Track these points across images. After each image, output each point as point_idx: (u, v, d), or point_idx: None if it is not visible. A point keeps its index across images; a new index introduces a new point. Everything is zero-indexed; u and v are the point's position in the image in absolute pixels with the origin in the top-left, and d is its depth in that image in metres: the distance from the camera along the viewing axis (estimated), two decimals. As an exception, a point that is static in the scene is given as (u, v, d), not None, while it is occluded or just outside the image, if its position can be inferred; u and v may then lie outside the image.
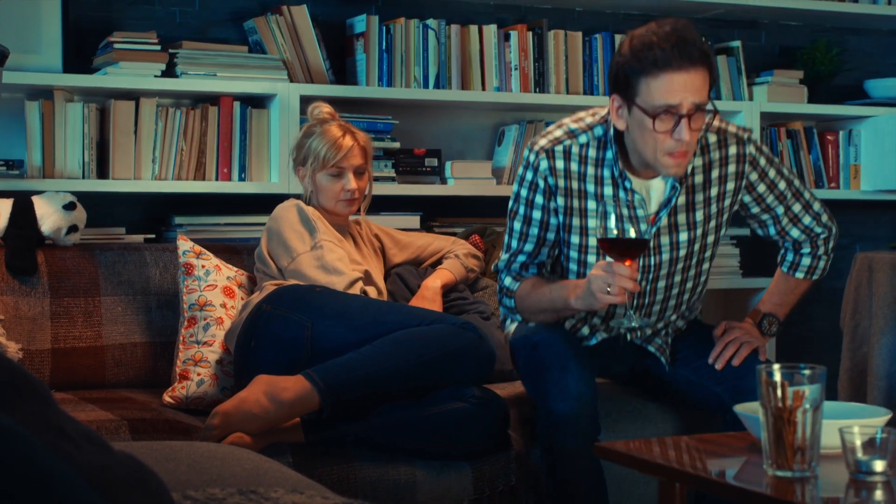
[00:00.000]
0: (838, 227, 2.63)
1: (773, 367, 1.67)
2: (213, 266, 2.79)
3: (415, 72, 3.42)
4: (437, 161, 3.48)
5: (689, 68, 2.15)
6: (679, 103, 2.17)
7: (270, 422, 2.32)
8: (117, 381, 2.80)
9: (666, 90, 2.16)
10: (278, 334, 2.51)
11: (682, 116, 2.17)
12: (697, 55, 2.15)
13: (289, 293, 2.58)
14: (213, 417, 2.29)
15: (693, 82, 2.16)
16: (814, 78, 3.98)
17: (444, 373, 2.43)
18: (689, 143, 2.20)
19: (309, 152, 2.82)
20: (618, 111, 2.26)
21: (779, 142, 3.90)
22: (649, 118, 2.19)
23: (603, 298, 2.14)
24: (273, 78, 3.23)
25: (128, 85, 3.07)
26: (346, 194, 2.80)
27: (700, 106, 2.19)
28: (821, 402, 1.67)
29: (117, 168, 3.07)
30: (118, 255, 2.88)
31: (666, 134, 2.19)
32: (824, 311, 4.16)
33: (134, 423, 2.34)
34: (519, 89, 3.53)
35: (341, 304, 2.53)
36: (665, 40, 2.15)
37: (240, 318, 2.65)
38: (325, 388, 2.33)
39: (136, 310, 2.84)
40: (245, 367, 2.54)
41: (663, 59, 2.14)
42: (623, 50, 2.21)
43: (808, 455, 1.66)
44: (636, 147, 2.27)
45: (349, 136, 2.82)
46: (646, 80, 2.17)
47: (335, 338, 2.47)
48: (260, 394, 2.31)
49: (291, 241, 2.69)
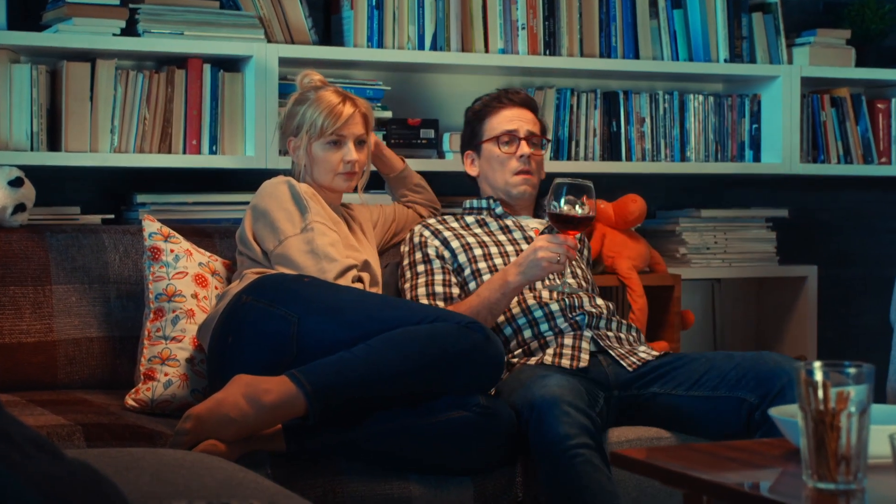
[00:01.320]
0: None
1: (814, 364, 1.67)
2: (184, 251, 2.78)
3: (409, 31, 3.41)
4: (433, 132, 3.47)
5: (518, 106, 3.07)
6: (517, 128, 3.04)
7: (249, 428, 2.31)
8: (71, 382, 2.80)
9: (504, 120, 3.05)
10: (260, 330, 2.51)
11: (522, 139, 3.02)
12: (524, 97, 3.10)
13: (272, 283, 2.58)
14: (185, 421, 2.29)
15: (525, 115, 3.06)
16: (863, 38, 3.97)
17: (446, 378, 2.42)
18: (532, 168, 3.02)
19: (304, 120, 2.82)
20: (471, 163, 3.11)
21: (822, 111, 3.90)
22: (495, 144, 3.03)
23: (549, 267, 2.69)
24: (248, 37, 3.22)
25: (82, 44, 3.06)
26: (346, 166, 2.80)
27: (535, 135, 3.04)
28: (868, 405, 1.67)
29: (71, 139, 3.07)
30: (72, 237, 2.88)
31: (510, 154, 3.02)
32: (872, 303, 4.16)
33: (90, 429, 2.34)
34: (527, 51, 3.53)
35: (332, 298, 2.53)
36: (497, 92, 3.11)
37: (215, 309, 2.64)
38: (313, 391, 2.33)
39: (92, 300, 2.84)
40: (220, 366, 2.54)
41: (497, 102, 3.07)
42: (473, 107, 3.14)
43: (853, 465, 1.66)
44: (489, 182, 3.07)
45: (349, 103, 2.83)
46: (487, 120, 3.07)
47: (324, 335, 2.46)
48: (239, 396, 2.31)
49: (279, 222, 2.69)
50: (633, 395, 2.71)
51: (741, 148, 3.83)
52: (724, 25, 3.75)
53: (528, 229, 3.04)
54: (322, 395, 2.33)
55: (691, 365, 2.72)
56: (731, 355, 2.72)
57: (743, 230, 3.82)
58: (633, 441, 2.65)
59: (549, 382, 2.47)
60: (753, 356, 2.68)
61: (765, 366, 2.60)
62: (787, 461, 1.91)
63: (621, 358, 2.75)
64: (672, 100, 3.74)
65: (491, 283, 2.79)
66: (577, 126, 3.63)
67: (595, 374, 2.71)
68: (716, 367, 2.68)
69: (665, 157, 3.73)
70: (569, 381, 2.52)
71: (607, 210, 3.47)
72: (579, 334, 2.80)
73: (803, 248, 4.08)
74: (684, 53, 3.72)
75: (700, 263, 3.75)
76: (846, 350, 4.08)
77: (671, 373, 2.71)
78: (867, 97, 4.00)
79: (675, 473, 1.86)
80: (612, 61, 3.62)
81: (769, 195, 4.06)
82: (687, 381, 2.68)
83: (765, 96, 3.83)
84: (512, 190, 3.04)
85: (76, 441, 2.30)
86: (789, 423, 1.90)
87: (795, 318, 3.87)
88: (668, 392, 2.70)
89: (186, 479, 1.55)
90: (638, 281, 3.38)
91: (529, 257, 2.73)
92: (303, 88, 2.89)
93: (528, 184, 3.04)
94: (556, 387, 2.45)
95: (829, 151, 3.91)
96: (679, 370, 2.71)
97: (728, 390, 2.63)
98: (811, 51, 3.84)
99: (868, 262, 4.20)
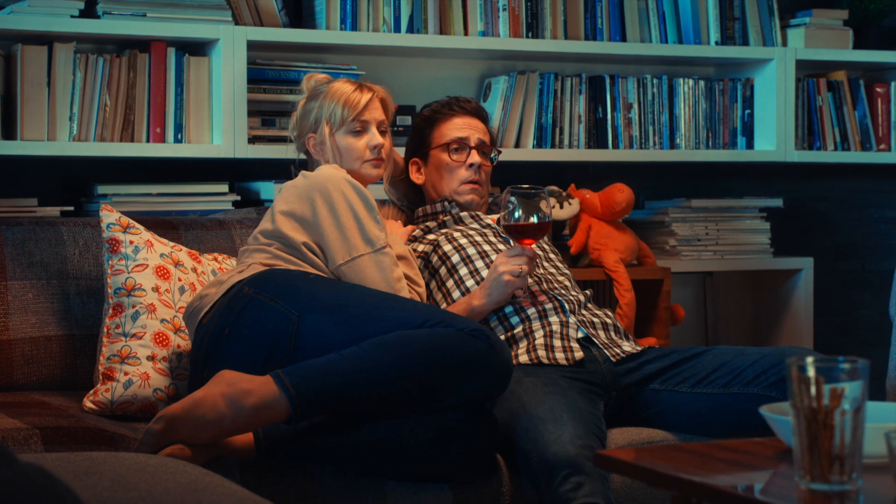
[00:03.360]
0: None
1: (807, 360, 1.67)
2: (144, 242, 2.78)
3: (384, 13, 3.41)
4: (410, 119, 3.47)
5: (469, 115, 3.09)
6: (467, 137, 3.05)
7: (226, 431, 2.30)
8: (28, 382, 2.79)
9: (455, 128, 3.06)
10: (258, 325, 2.50)
11: (472, 148, 3.04)
12: (475, 106, 3.13)
13: (277, 278, 2.56)
14: (156, 422, 2.27)
15: (475, 125, 3.09)
16: (861, 19, 3.99)
17: (446, 387, 2.38)
18: (482, 178, 3.05)
19: (321, 114, 2.81)
20: (417, 170, 3.10)
21: (818, 95, 3.92)
22: (444, 151, 3.04)
23: (513, 281, 2.74)
24: (215, 19, 3.21)
25: (39, 27, 3.05)
26: (373, 152, 2.80)
27: (485, 144, 3.06)
28: (863, 403, 1.67)
29: (27, 127, 3.06)
30: (28, 230, 2.87)
31: (460, 163, 3.03)
32: (870, 296, 4.18)
33: (47, 433, 2.33)
34: (508, 34, 3.53)
35: (334, 295, 2.51)
36: (447, 100, 3.12)
37: (204, 293, 2.62)
38: (296, 394, 2.30)
39: (50, 296, 2.83)
40: (211, 358, 2.52)
41: (448, 109, 3.09)
42: (421, 113, 3.15)
43: (848, 465, 1.67)
44: (436, 190, 3.07)
45: (365, 89, 2.85)
46: (438, 126, 3.08)
47: (321, 334, 2.44)
48: (218, 396, 2.29)
49: (350, 233, 2.65)
50: (632, 394, 2.70)
51: (733, 134, 3.84)
52: (715, 6, 3.76)
53: (485, 219, 3.06)
54: (306, 400, 2.31)
55: (695, 361, 2.70)
56: (742, 350, 2.69)
57: (735, 221, 3.84)
58: (635, 444, 2.63)
59: (563, 437, 2.38)
60: (773, 351, 2.66)
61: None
62: (779, 461, 1.92)
63: (605, 347, 2.74)
64: (661, 84, 3.75)
65: (455, 307, 2.82)
66: (561, 112, 3.64)
67: (592, 373, 2.68)
68: (727, 363, 2.65)
69: (654, 145, 3.74)
70: (581, 416, 2.44)
71: (593, 200, 3.48)
72: (565, 320, 2.79)
73: (799, 240, 4.10)
74: (673, 35, 3.73)
75: (691, 256, 3.77)
76: (844, 346, 4.11)
77: (673, 368, 2.69)
78: (865, 81, 4.01)
79: (661, 475, 1.87)
80: (598, 44, 3.62)
81: (763, 184, 4.08)
82: (692, 378, 2.67)
83: (758, 80, 3.85)
84: (459, 199, 3.04)
85: (33, 445, 2.29)
86: (781, 422, 1.91)
87: (791, 313, 3.89)
88: (669, 389, 2.69)
89: (149, 484, 1.55)
90: (625, 274, 3.39)
91: (492, 278, 2.76)
92: (311, 89, 2.88)
93: (475, 193, 3.05)
94: (570, 443, 2.36)
95: (826, 138, 3.93)
96: (682, 366, 2.69)
97: (742, 387, 2.62)
98: (807, 32, 3.85)
99: (866, 253, 4.22)
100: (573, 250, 3.44)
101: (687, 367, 2.69)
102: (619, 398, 2.69)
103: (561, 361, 2.69)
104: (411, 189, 3.13)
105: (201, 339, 2.57)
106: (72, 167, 3.28)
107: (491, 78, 3.66)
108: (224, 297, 2.58)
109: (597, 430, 2.46)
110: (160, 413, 2.29)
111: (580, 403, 2.51)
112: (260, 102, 3.31)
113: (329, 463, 2.40)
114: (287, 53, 3.43)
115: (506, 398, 2.54)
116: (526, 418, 2.47)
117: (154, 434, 2.26)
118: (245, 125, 3.22)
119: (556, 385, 2.56)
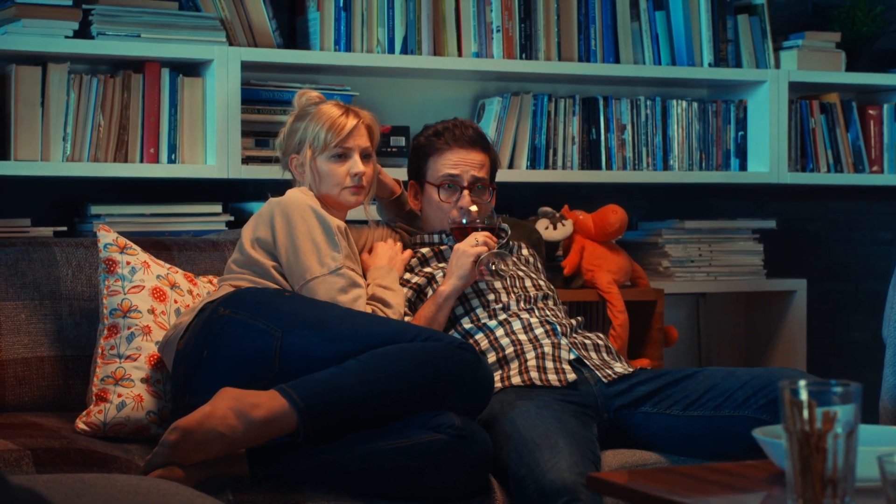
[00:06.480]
0: None
1: (800, 383, 1.68)
2: (141, 263, 2.77)
3: (378, 34, 3.42)
4: (404, 140, 3.48)
5: (467, 148, 2.96)
6: (459, 175, 2.94)
7: (238, 443, 2.31)
8: (20, 403, 2.78)
9: (448, 165, 2.95)
10: (239, 344, 2.50)
11: (464, 188, 2.93)
12: (476, 137, 2.98)
13: (252, 296, 2.57)
14: (170, 433, 2.27)
15: (472, 159, 2.96)
16: (853, 41, 4.01)
17: (438, 399, 2.41)
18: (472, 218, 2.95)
19: (305, 136, 2.81)
20: (414, 195, 3.04)
21: (811, 118, 3.93)
22: (436, 189, 2.95)
23: (474, 251, 2.74)
24: (209, 40, 3.22)
25: (33, 47, 3.06)
26: (354, 179, 2.80)
27: (480, 179, 2.95)
28: (856, 426, 1.68)
29: (20, 147, 3.06)
30: (21, 251, 2.86)
31: (449, 203, 2.94)
32: (863, 318, 4.19)
33: (39, 454, 2.33)
34: (502, 55, 3.54)
35: (318, 312, 2.52)
36: (447, 126, 2.99)
37: (179, 322, 2.62)
38: (305, 407, 2.32)
39: (43, 317, 2.82)
40: (191, 383, 2.52)
41: (444, 142, 2.96)
42: (419, 138, 3.04)
43: (840, 488, 1.67)
44: (429, 222, 3.02)
45: (352, 115, 2.84)
46: (433, 159, 2.97)
47: (309, 350, 2.45)
48: (227, 409, 2.30)
49: (305, 256, 2.66)
50: (623, 416, 2.70)
51: (726, 156, 3.86)
52: (708, 28, 3.77)
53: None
54: (314, 412, 2.33)
55: (686, 383, 2.69)
56: (732, 372, 2.69)
57: (728, 242, 3.84)
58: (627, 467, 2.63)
59: (560, 464, 2.37)
60: (763, 372, 2.66)
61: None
62: (771, 484, 1.92)
63: (597, 369, 2.74)
64: (654, 106, 3.76)
65: (426, 305, 2.84)
66: (554, 133, 3.65)
67: (584, 395, 2.68)
68: (718, 385, 2.65)
69: (647, 166, 3.75)
70: (576, 441, 2.45)
71: (587, 221, 3.49)
72: (556, 342, 2.79)
73: (792, 261, 4.10)
74: (667, 57, 3.75)
75: (684, 277, 3.77)
76: (837, 367, 4.11)
77: (664, 390, 2.69)
78: (858, 103, 4.03)
79: (654, 498, 1.86)
80: (592, 65, 3.64)
81: (756, 205, 4.09)
82: (683, 401, 2.66)
83: (751, 102, 3.86)
84: (448, 238, 3.00)
85: (25, 467, 2.29)
86: (773, 445, 1.91)
87: (784, 335, 3.89)
88: (661, 412, 2.69)
89: (141, 507, 1.55)
90: (619, 296, 3.39)
91: (455, 260, 2.80)
92: (300, 107, 2.88)
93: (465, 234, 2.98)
94: (568, 471, 2.36)
95: (819, 160, 3.94)
96: (674, 388, 2.69)
97: (733, 409, 2.62)
98: (799, 54, 3.87)
99: (859, 275, 4.23)
100: (566, 271, 3.44)
101: (678, 389, 2.69)
102: (612, 421, 2.69)
103: (553, 383, 2.69)
104: (403, 211, 3.11)
105: (179, 365, 2.57)
106: (65, 187, 3.28)
107: (485, 99, 3.67)
108: (197, 318, 2.58)
109: (592, 455, 2.46)
110: (174, 424, 2.29)
111: (575, 427, 2.50)
112: (253, 123, 3.32)
113: (322, 483, 2.40)
114: (281, 74, 3.44)
115: (498, 420, 2.54)
116: (520, 442, 2.46)
117: (169, 445, 2.26)
118: (239, 146, 3.22)
119: (550, 408, 2.56)
